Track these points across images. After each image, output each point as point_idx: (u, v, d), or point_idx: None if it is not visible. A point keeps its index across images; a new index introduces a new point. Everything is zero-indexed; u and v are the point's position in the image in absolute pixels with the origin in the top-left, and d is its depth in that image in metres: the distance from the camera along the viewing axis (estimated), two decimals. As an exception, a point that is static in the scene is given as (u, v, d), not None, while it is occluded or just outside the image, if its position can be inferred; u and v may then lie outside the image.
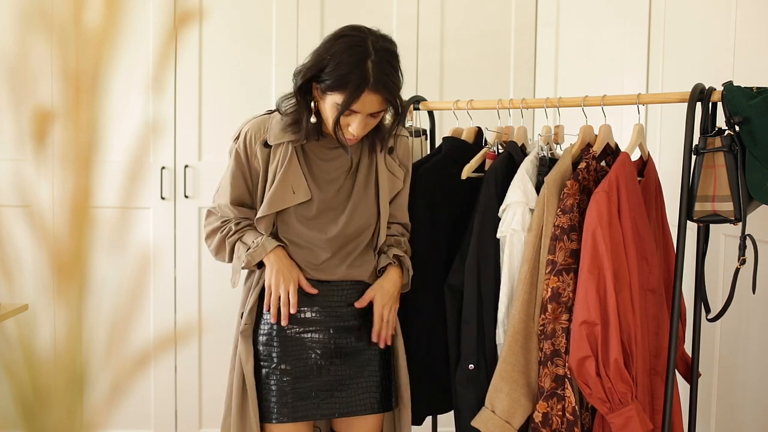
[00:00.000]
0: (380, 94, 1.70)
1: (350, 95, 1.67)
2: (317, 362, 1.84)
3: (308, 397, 1.82)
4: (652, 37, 2.58)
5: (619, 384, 1.74)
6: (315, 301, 1.86)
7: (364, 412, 1.87)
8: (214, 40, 2.93)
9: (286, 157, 1.81)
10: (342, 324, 1.87)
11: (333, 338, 1.86)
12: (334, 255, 1.86)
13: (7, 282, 0.51)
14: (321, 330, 1.85)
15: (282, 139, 1.81)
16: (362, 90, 1.67)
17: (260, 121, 1.86)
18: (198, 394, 3.00)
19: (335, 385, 1.85)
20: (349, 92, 1.67)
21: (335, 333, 1.86)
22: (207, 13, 2.91)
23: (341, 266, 1.86)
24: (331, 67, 1.69)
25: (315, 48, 1.78)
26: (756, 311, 2.25)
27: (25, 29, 0.50)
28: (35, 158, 0.50)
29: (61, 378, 0.51)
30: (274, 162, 1.82)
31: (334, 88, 1.69)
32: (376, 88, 1.68)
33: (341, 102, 1.69)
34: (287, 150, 1.81)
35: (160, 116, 2.91)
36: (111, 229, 0.52)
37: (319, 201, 1.84)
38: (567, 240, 1.82)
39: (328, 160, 1.87)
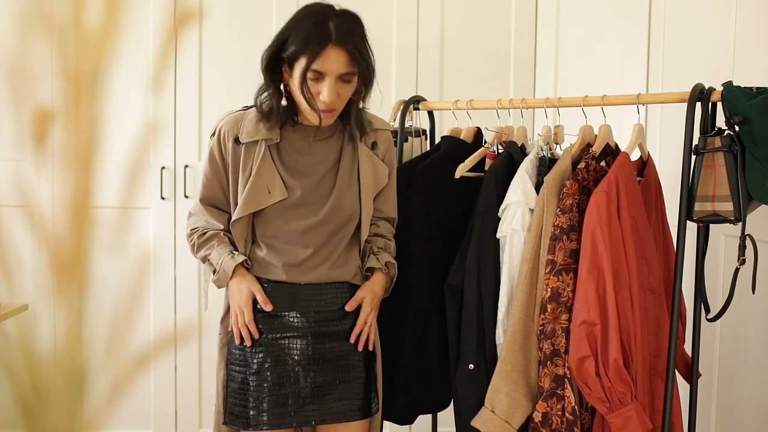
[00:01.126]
0: (345, 49, 1.63)
1: (313, 51, 1.62)
2: (294, 369, 1.78)
3: (285, 404, 1.77)
4: (652, 37, 2.58)
5: (619, 384, 1.74)
6: (295, 305, 1.80)
7: (344, 419, 1.82)
8: (214, 40, 2.93)
9: (259, 155, 1.75)
10: (322, 329, 1.81)
11: (311, 344, 1.80)
12: (315, 252, 1.79)
13: (7, 282, 0.51)
14: (300, 336, 1.79)
15: (254, 136, 1.75)
16: (325, 44, 1.62)
17: (235, 117, 1.80)
18: (198, 394, 3.00)
19: (313, 392, 1.79)
20: (312, 48, 1.62)
21: (314, 339, 1.80)
22: (207, 13, 2.91)
23: (323, 266, 1.80)
24: (293, 35, 1.66)
25: (278, 31, 1.73)
26: (756, 311, 2.25)
27: (25, 29, 0.50)
28: (35, 158, 0.50)
29: (61, 378, 0.51)
30: (247, 161, 1.76)
31: (298, 52, 1.64)
32: (339, 42, 1.63)
33: (304, 64, 1.64)
34: (260, 148, 1.76)
35: (160, 116, 2.91)
36: (111, 229, 0.52)
37: (297, 197, 1.77)
38: (566, 240, 1.82)
39: (306, 154, 1.80)
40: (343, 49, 1.64)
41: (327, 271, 1.81)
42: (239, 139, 1.77)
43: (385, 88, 3.12)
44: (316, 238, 1.79)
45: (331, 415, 1.81)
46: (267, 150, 1.76)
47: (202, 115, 2.94)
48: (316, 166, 1.80)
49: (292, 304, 1.80)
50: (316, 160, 1.80)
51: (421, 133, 2.34)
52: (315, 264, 1.80)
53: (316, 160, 1.80)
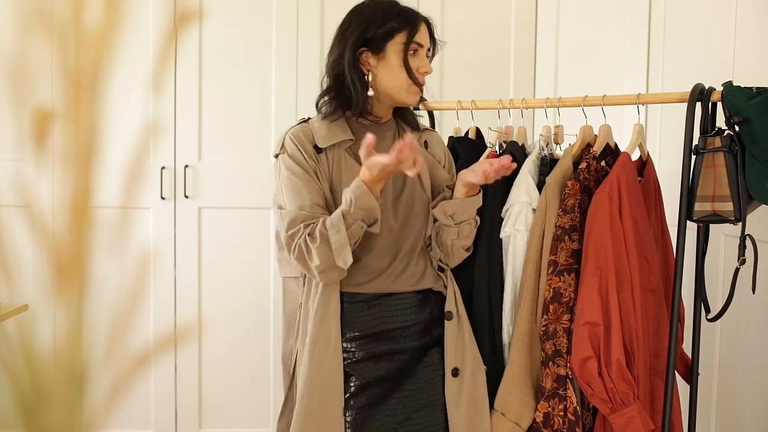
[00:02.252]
0: (428, 27, 1.74)
1: (414, 25, 1.70)
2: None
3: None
4: (652, 37, 2.58)
5: (621, 384, 1.74)
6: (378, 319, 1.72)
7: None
8: (214, 40, 2.93)
9: (342, 159, 1.70)
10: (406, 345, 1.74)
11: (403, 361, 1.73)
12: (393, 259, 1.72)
13: (7, 282, 0.51)
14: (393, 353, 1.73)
15: (332, 140, 1.69)
16: (420, 19, 1.71)
17: (299, 128, 1.73)
18: (198, 394, 3.00)
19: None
20: (411, 23, 1.69)
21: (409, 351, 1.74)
22: (207, 13, 2.91)
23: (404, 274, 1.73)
24: (378, 21, 1.69)
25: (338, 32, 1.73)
26: (756, 311, 2.25)
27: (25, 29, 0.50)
28: (35, 158, 0.50)
29: (61, 378, 0.51)
30: (331, 167, 1.69)
31: (395, 30, 1.68)
32: (425, 19, 1.74)
33: (405, 38, 1.68)
34: (340, 152, 1.70)
35: (160, 116, 2.91)
36: (111, 229, 0.52)
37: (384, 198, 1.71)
38: (568, 240, 1.82)
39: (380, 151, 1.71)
40: (427, 25, 1.74)
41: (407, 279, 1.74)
42: (318, 145, 1.70)
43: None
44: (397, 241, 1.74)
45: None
46: (347, 152, 1.71)
47: (202, 115, 2.94)
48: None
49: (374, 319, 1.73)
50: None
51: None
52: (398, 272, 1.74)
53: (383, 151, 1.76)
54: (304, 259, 1.62)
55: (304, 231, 1.63)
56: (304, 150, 1.68)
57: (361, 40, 1.68)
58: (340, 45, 1.71)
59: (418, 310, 1.75)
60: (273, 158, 1.74)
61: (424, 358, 1.75)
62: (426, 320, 1.76)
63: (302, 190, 1.66)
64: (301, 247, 1.62)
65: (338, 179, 1.69)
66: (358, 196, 1.57)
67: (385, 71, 1.70)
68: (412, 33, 1.69)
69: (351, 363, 1.70)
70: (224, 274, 2.98)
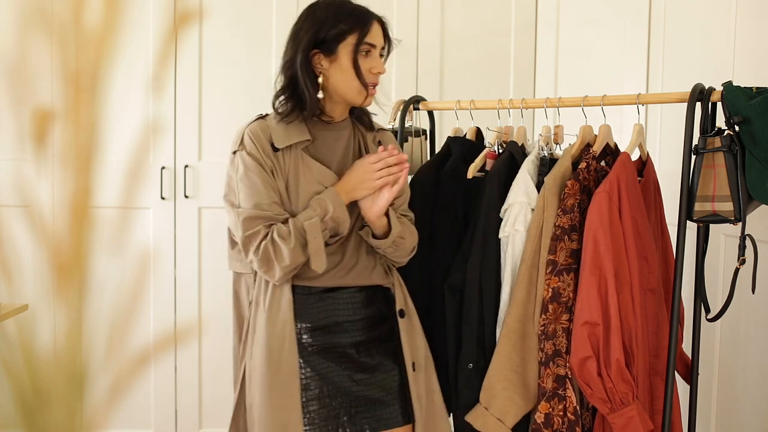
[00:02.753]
0: (381, 26, 1.73)
1: (364, 26, 1.69)
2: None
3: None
4: (652, 37, 2.58)
5: (621, 384, 1.74)
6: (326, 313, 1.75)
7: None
8: (214, 40, 2.93)
9: (299, 159, 1.71)
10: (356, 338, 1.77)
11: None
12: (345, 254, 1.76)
13: (7, 282, 0.51)
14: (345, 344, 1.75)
15: (288, 141, 1.70)
16: (372, 19, 1.71)
17: (258, 125, 1.73)
18: (198, 394, 3.00)
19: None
20: (363, 23, 1.69)
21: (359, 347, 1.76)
22: (207, 13, 2.91)
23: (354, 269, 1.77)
24: (329, 23, 1.69)
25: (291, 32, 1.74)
26: (756, 311, 2.25)
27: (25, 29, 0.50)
28: (35, 158, 0.50)
29: (61, 378, 0.51)
30: (286, 165, 1.71)
31: (346, 31, 1.68)
32: (379, 18, 1.73)
33: (356, 39, 1.68)
34: (297, 152, 1.71)
35: (160, 116, 2.91)
36: (111, 229, 0.52)
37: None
38: (568, 240, 1.82)
39: (334, 151, 1.78)
40: (381, 24, 1.74)
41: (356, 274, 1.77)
42: (275, 145, 1.70)
43: (385, 88, 3.12)
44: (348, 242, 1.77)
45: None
46: (304, 153, 1.73)
47: (202, 115, 2.94)
48: (342, 163, 1.78)
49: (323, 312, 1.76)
50: (339, 158, 1.78)
51: (421, 133, 2.34)
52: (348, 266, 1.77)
53: (340, 157, 1.78)
54: (269, 258, 1.63)
55: (267, 231, 1.64)
56: (262, 148, 1.69)
57: (313, 42, 1.69)
58: (293, 46, 1.72)
59: (366, 305, 1.78)
60: (230, 153, 1.73)
61: (375, 354, 1.77)
62: (373, 316, 1.79)
63: (260, 188, 1.66)
64: (268, 247, 1.63)
65: (294, 178, 1.70)
66: (336, 209, 1.65)
67: (337, 73, 1.71)
68: (363, 34, 1.69)
69: (304, 354, 1.71)
70: (224, 274, 2.98)
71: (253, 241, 1.65)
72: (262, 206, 1.66)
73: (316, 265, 1.64)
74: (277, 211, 1.67)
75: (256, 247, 1.64)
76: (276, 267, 1.64)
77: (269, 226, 1.65)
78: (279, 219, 1.66)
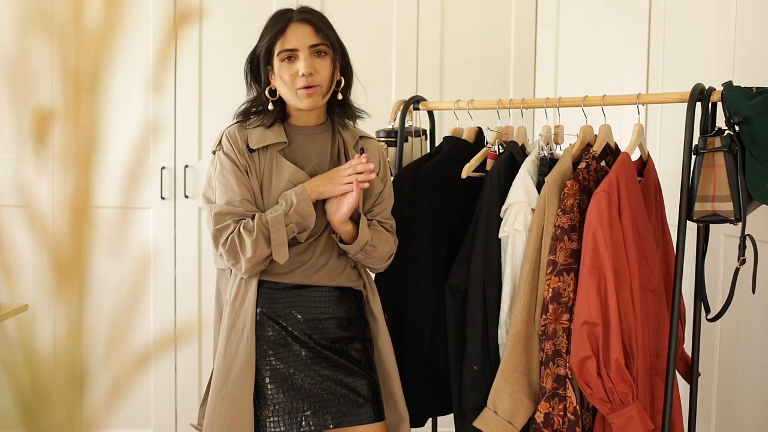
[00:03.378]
0: (307, 22, 1.75)
1: (279, 32, 1.73)
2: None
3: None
4: (652, 37, 2.58)
5: (620, 384, 1.74)
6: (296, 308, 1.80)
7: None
8: (214, 40, 2.93)
9: (274, 160, 1.78)
10: (325, 336, 1.82)
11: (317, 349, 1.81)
12: (314, 253, 1.81)
13: (7, 282, 0.51)
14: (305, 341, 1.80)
15: (264, 142, 1.77)
16: (287, 22, 1.74)
17: (236, 127, 1.81)
18: (198, 394, 3.00)
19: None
20: (278, 31, 1.74)
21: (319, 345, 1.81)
22: (207, 13, 2.91)
23: (324, 268, 1.82)
24: (262, 38, 1.78)
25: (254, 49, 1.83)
26: (756, 311, 2.25)
27: (25, 29, 0.50)
28: (35, 158, 0.50)
29: (61, 378, 0.51)
30: (263, 167, 1.77)
31: (269, 43, 1.75)
32: (300, 17, 1.75)
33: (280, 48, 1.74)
34: (272, 153, 1.78)
35: (160, 116, 2.91)
36: (111, 229, 0.52)
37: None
38: (567, 240, 1.82)
39: (311, 155, 1.83)
40: (306, 22, 1.75)
41: (325, 274, 1.82)
42: (250, 146, 1.78)
43: (385, 88, 3.12)
44: (319, 242, 1.82)
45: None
46: (279, 154, 1.79)
47: (202, 115, 2.94)
48: (318, 166, 1.83)
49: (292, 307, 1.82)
50: (315, 160, 1.83)
51: (421, 133, 2.34)
52: (319, 265, 1.82)
53: (315, 159, 1.83)
54: (236, 251, 1.71)
55: (235, 225, 1.72)
56: (237, 149, 1.77)
57: (258, 58, 1.79)
58: (246, 62, 1.83)
59: (337, 305, 1.83)
60: (211, 154, 1.83)
61: (344, 352, 1.82)
62: (344, 316, 1.84)
63: (233, 186, 1.75)
64: (234, 239, 1.71)
65: (269, 178, 1.77)
66: (300, 202, 1.71)
67: (278, 83, 1.79)
68: (279, 40, 1.75)
69: (270, 345, 1.76)
70: (224, 274, 2.98)
71: (222, 235, 1.72)
72: (234, 203, 1.74)
73: (277, 256, 1.71)
74: (248, 207, 1.75)
75: (224, 240, 1.72)
76: (242, 259, 1.71)
77: (238, 221, 1.73)
78: (248, 215, 1.74)
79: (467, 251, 1.94)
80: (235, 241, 1.71)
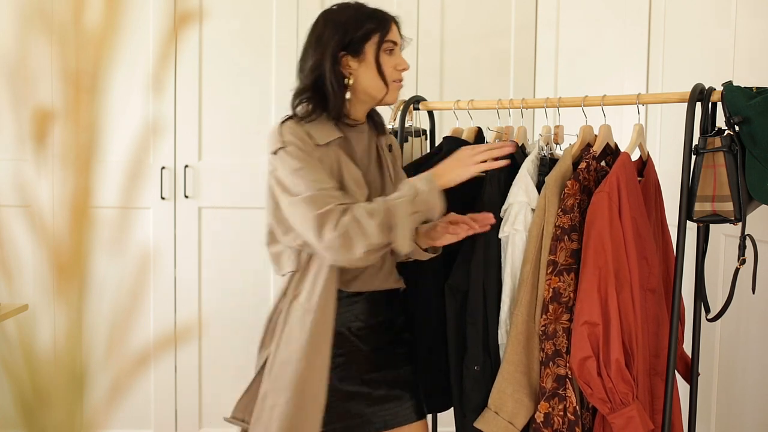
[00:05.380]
0: (397, 26, 1.80)
1: (387, 25, 1.75)
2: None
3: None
4: (652, 37, 2.58)
5: (620, 384, 1.74)
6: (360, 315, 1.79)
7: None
8: (214, 40, 2.93)
9: (339, 155, 1.71)
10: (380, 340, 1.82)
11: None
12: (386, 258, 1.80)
13: (7, 282, 0.51)
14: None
15: (328, 138, 1.70)
16: (391, 18, 1.78)
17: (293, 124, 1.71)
18: (198, 394, 3.00)
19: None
20: (385, 23, 1.75)
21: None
22: (207, 14, 2.91)
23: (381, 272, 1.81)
24: (354, 25, 1.73)
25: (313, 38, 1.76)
26: (756, 311, 2.25)
27: (25, 29, 0.50)
28: (35, 158, 0.50)
29: (61, 378, 0.51)
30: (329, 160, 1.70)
31: (371, 31, 1.73)
32: (394, 19, 1.80)
33: (380, 38, 1.74)
34: (337, 150, 1.72)
35: (160, 116, 2.91)
36: (111, 229, 0.52)
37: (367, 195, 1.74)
38: (568, 240, 1.82)
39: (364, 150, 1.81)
40: (396, 24, 1.79)
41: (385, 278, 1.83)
42: (317, 141, 1.69)
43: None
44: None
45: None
46: (341, 150, 1.73)
47: (202, 115, 2.94)
48: (365, 163, 1.81)
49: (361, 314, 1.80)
50: (363, 158, 1.81)
51: (421, 133, 2.34)
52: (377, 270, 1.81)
53: (363, 157, 1.82)
54: (351, 237, 1.56)
55: (343, 208, 1.59)
56: (305, 142, 1.67)
57: (340, 45, 1.72)
58: (317, 51, 1.74)
59: (388, 308, 1.85)
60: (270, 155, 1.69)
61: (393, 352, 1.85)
62: (392, 318, 1.86)
63: (319, 175, 1.63)
64: (350, 224, 1.56)
65: (339, 174, 1.69)
66: (430, 191, 1.62)
67: (365, 72, 1.75)
68: (386, 32, 1.75)
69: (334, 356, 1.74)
70: (224, 274, 2.98)
71: (329, 219, 1.57)
72: (328, 189, 1.62)
73: (402, 244, 1.58)
74: (341, 194, 1.64)
75: (335, 223, 1.57)
76: (357, 245, 1.56)
77: (341, 205, 1.60)
78: (349, 201, 1.63)
79: (467, 251, 1.94)
80: (351, 225, 1.56)
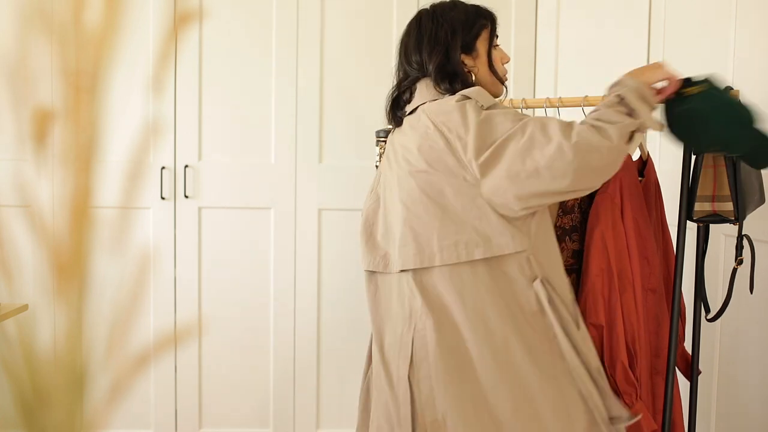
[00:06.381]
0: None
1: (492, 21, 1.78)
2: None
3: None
4: (652, 37, 2.58)
5: (624, 385, 1.73)
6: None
7: None
8: (214, 40, 2.93)
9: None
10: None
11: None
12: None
13: (7, 282, 0.51)
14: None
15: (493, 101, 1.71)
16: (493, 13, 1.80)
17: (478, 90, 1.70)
18: (198, 394, 3.00)
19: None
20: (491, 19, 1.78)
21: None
22: (207, 14, 2.91)
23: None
24: (469, 22, 1.75)
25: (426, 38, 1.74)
26: (756, 311, 2.25)
27: (25, 29, 0.50)
28: (35, 158, 0.50)
29: (61, 378, 0.51)
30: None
31: (482, 27, 1.76)
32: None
33: (489, 34, 1.77)
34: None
35: (160, 116, 2.91)
36: (111, 229, 0.52)
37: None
38: (569, 240, 1.82)
39: None
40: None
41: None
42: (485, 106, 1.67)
43: (385, 88, 3.11)
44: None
45: None
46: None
47: (202, 115, 2.94)
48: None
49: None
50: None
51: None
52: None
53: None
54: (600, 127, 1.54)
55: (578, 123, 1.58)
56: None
57: (461, 43, 1.74)
58: (437, 49, 1.72)
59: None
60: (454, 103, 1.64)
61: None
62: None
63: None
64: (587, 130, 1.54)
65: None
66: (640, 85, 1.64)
67: (482, 68, 1.77)
68: (493, 28, 1.78)
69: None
70: (224, 274, 2.98)
71: (572, 129, 1.55)
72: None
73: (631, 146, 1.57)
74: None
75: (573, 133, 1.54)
76: (610, 129, 1.54)
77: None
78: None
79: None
80: (588, 131, 1.53)
